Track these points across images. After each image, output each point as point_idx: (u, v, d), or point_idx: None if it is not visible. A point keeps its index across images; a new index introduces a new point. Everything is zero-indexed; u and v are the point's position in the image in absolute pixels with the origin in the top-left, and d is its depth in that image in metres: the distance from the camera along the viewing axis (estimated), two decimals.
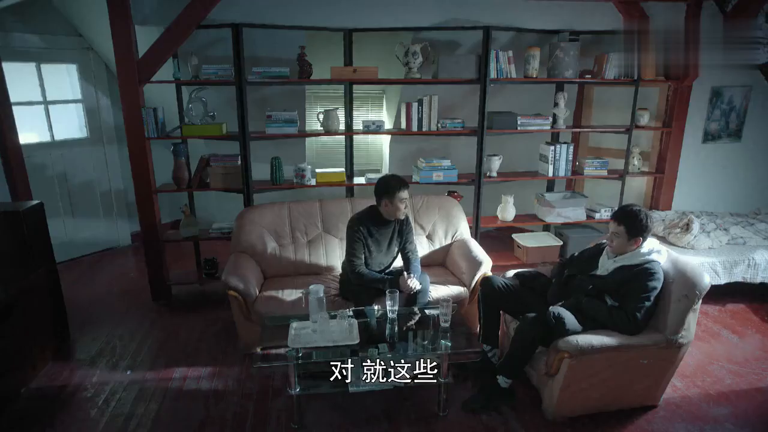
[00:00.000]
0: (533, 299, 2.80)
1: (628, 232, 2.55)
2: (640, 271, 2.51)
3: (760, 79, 4.39)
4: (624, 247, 2.58)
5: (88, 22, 4.29)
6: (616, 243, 2.60)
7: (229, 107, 3.85)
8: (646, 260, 2.54)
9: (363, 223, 3.01)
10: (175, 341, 3.35)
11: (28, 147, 4.11)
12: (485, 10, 3.91)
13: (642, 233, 2.55)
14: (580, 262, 2.80)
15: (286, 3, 3.77)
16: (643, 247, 2.58)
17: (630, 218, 2.55)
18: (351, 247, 3.01)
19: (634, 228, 2.54)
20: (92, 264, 4.68)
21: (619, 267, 2.58)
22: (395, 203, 2.93)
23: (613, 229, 2.61)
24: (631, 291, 2.50)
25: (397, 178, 2.97)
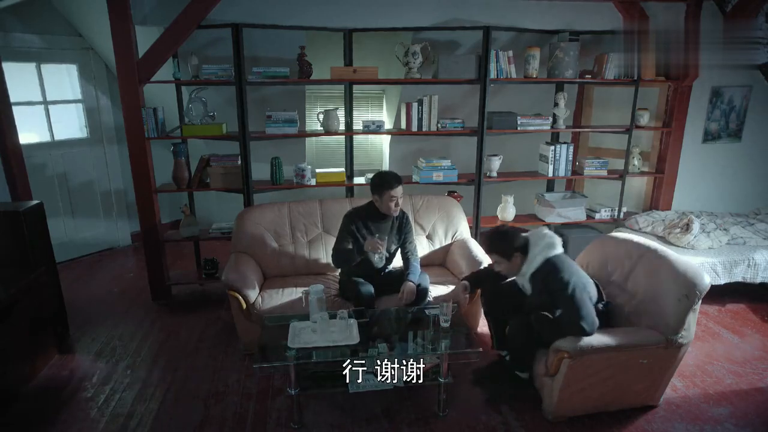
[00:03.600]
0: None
1: (503, 255, 2.57)
2: (546, 276, 2.48)
3: (761, 79, 4.39)
4: (513, 268, 2.59)
5: (88, 22, 4.30)
6: (504, 269, 2.62)
7: (229, 107, 3.85)
8: (542, 264, 2.50)
9: (359, 216, 3.01)
10: (175, 341, 3.35)
11: (28, 147, 4.11)
12: (485, 10, 3.92)
13: (515, 250, 2.54)
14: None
15: (285, 3, 3.77)
16: (532, 254, 2.53)
17: (495, 244, 2.58)
18: (339, 236, 3.03)
19: (504, 251, 2.56)
20: (92, 264, 4.68)
21: (530, 278, 2.56)
22: (385, 200, 2.93)
23: (492, 260, 2.65)
24: (557, 300, 2.46)
25: (391, 175, 2.97)
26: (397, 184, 2.93)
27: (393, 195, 2.92)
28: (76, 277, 4.35)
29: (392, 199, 2.92)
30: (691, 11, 3.98)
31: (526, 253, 2.55)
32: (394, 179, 2.94)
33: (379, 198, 2.95)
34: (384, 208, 2.97)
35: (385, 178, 2.95)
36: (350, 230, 2.98)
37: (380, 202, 2.96)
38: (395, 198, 2.93)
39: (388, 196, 2.92)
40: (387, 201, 2.93)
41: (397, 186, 2.93)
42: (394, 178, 2.95)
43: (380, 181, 2.94)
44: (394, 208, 2.96)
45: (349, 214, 3.05)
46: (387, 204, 2.94)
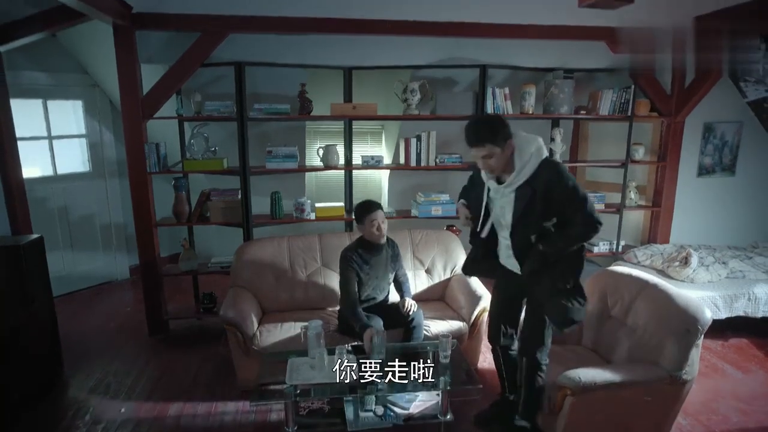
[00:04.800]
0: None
1: (495, 142, 2.14)
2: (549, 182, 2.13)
3: (751, 115, 4.48)
4: (503, 162, 2.18)
5: (95, 61, 4.41)
6: (495, 164, 2.18)
7: (230, 142, 3.91)
8: (540, 167, 2.16)
9: (356, 251, 3.01)
10: (172, 377, 3.29)
11: (30, 181, 4.15)
12: (481, 49, 4.03)
13: (508, 136, 2.16)
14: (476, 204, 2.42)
15: (287, 42, 3.88)
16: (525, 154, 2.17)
17: (485, 129, 2.16)
18: (344, 277, 3.00)
19: (496, 135, 2.14)
20: (90, 298, 4.65)
21: (520, 187, 2.19)
22: (367, 226, 2.95)
23: (482, 154, 2.17)
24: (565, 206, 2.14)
25: (368, 202, 2.99)
26: (375, 208, 2.96)
27: (373, 219, 2.93)
28: (73, 311, 4.31)
29: (373, 224, 2.93)
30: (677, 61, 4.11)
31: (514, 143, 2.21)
32: (372, 204, 2.98)
33: (362, 227, 2.98)
34: (368, 235, 2.98)
35: (363, 205, 2.99)
36: (352, 266, 2.97)
37: (364, 231, 2.98)
38: (376, 222, 2.94)
39: (369, 222, 2.94)
40: (369, 227, 2.94)
41: (376, 210, 2.95)
42: (372, 203, 2.99)
43: (360, 210, 2.98)
44: (377, 232, 2.95)
45: (345, 256, 3.02)
46: (369, 230, 2.95)
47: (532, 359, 2.43)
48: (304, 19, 3.54)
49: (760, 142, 4.58)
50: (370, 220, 2.94)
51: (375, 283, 3.05)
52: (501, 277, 2.57)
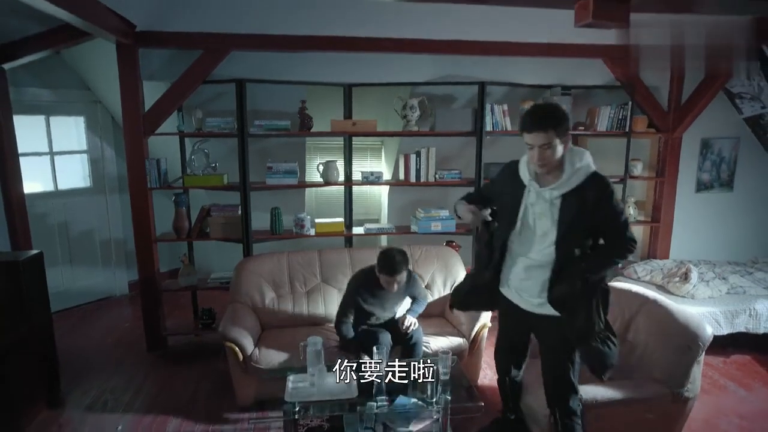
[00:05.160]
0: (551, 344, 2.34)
1: (558, 133, 1.95)
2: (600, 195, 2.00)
3: (748, 131, 4.52)
4: (555, 159, 1.99)
5: (98, 77, 4.46)
6: (550, 158, 1.98)
7: (230, 158, 3.93)
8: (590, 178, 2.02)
9: (365, 285, 2.93)
10: (170, 394, 3.26)
11: (31, 196, 4.16)
12: (480, 66, 4.08)
13: (569, 126, 2.02)
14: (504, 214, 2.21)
15: (287, 59, 3.92)
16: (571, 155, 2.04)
17: (551, 115, 1.98)
18: (343, 305, 3.00)
19: (562, 125, 1.97)
20: (88, 313, 4.63)
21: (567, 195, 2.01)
22: (383, 280, 2.84)
23: (541, 142, 1.95)
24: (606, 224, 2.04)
25: (395, 262, 2.77)
26: (400, 270, 2.78)
27: (390, 281, 2.82)
28: (71, 327, 4.29)
29: (390, 284, 2.83)
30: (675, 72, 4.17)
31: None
32: (398, 265, 2.77)
33: (379, 276, 2.87)
34: (383, 283, 2.88)
35: (389, 261, 2.79)
36: (353, 301, 2.93)
37: (381, 279, 2.87)
38: (392, 283, 2.82)
39: (386, 281, 2.84)
40: (384, 282, 2.85)
41: (400, 272, 2.78)
42: (398, 264, 2.77)
43: (385, 264, 2.82)
44: (389, 288, 2.86)
45: (355, 286, 2.95)
46: (385, 283, 2.86)
47: (566, 409, 2.23)
48: (304, 37, 3.59)
49: (757, 157, 4.61)
50: (386, 280, 2.83)
51: (380, 312, 3.02)
52: (506, 310, 2.35)
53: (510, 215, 2.15)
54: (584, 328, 2.06)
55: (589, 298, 2.05)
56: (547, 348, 2.28)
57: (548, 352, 2.27)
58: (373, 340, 2.84)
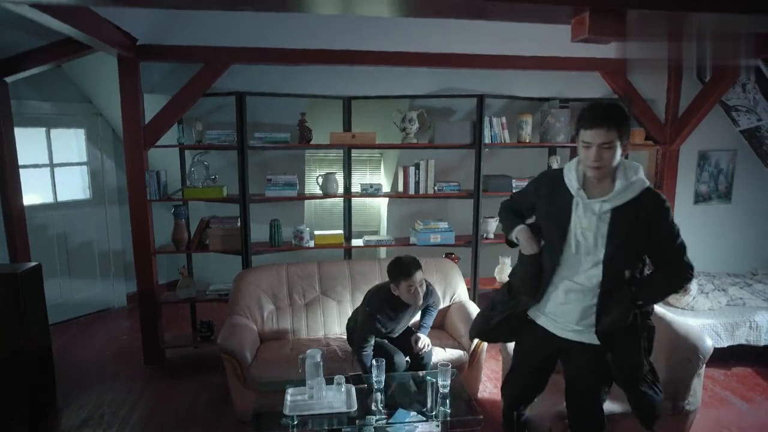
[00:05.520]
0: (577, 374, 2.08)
1: (620, 135, 1.77)
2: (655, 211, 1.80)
3: (744, 143, 4.55)
4: (612, 164, 1.81)
5: (99, 90, 4.49)
6: (608, 161, 1.78)
7: (230, 170, 3.95)
8: (646, 192, 1.84)
9: (383, 309, 2.80)
10: (167, 408, 3.24)
11: (30, 208, 4.16)
12: (478, 79, 4.11)
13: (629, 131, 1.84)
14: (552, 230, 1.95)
15: (287, 72, 3.96)
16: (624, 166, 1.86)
17: (619, 113, 1.80)
18: (363, 333, 2.82)
19: (626, 125, 1.81)
20: (86, 325, 4.60)
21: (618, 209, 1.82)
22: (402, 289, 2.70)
23: (601, 141, 1.76)
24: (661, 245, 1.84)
25: (406, 264, 2.70)
26: (414, 270, 2.68)
27: (410, 285, 2.69)
28: (69, 340, 4.26)
29: (410, 289, 2.70)
30: (672, 81, 4.21)
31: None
32: (410, 266, 2.69)
33: (396, 287, 2.74)
34: (403, 296, 2.74)
35: (399, 266, 2.70)
36: (374, 327, 2.78)
37: (399, 291, 2.74)
38: (413, 287, 2.69)
39: (405, 287, 2.70)
40: (405, 291, 2.71)
41: (414, 273, 2.68)
42: (410, 264, 2.69)
43: (396, 270, 2.72)
44: (414, 297, 2.73)
45: (373, 312, 2.78)
46: (405, 293, 2.72)
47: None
48: (304, 50, 3.62)
49: (755, 169, 4.63)
50: (407, 285, 2.68)
51: (397, 329, 2.95)
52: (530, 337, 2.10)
53: (559, 232, 1.91)
54: (633, 367, 1.88)
55: (639, 332, 1.86)
56: (577, 379, 2.04)
57: (578, 383, 2.04)
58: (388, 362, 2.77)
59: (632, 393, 1.91)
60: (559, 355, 2.08)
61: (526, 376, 2.22)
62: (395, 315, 2.84)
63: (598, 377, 1.99)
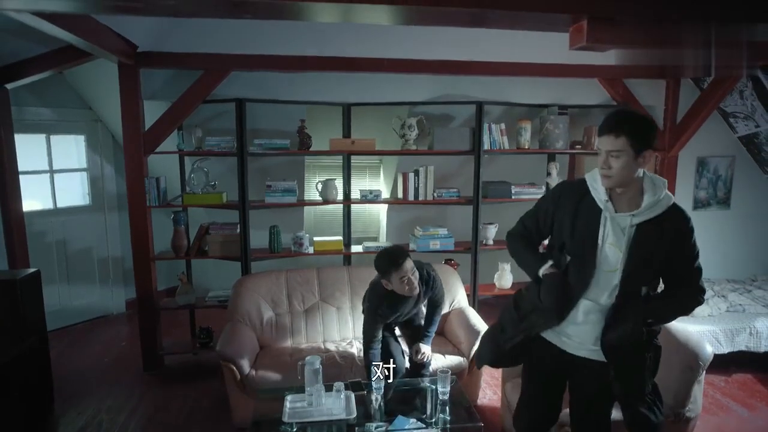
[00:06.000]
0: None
1: (634, 144, 1.69)
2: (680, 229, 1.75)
3: (743, 150, 4.57)
4: (630, 173, 1.73)
5: (99, 96, 4.51)
6: (616, 170, 1.71)
7: (230, 176, 3.95)
8: (673, 209, 1.76)
9: (381, 302, 2.74)
10: (166, 414, 3.22)
11: (30, 214, 4.16)
12: (477, 86, 4.13)
13: (650, 145, 1.71)
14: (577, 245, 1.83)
15: (287, 79, 3.97)
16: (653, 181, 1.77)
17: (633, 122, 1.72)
18: (368, 330, 2.79)
19: (640, 135, 1.70)
20: (85, 332, 4.59)
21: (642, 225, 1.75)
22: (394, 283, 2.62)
23: (606, 148, 1.73)
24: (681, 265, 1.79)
25: (394, 253, 2.63)
26: (402, 260, 2.57)
27: (402, 276, 2.58)
28: (68, 346, 4.25)
29: (402, 280, 2.59)
30: (670, 87, 4.23)
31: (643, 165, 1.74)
32: (398, 255, 2.59)
33: (388, 281, 2.64)
34: (397, 290, 2.65)
35: (387, 257, 2.60)
36: (377, 323, 2.76)
37: (392, 285, 2.64)
38: (405, 277, 2.58)
39: (397, 279, 2.59)
40: (397, 284, 2.60)
41: (403, 263, 2.57)
42: (398, 254, 2.60)
43: (383, 262, 2.61)
44: (408, 287, 2.61)
45: (374, 307, 2.74)
46: (398, 286, 2.62)
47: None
48: (303, 57, 3.64)
49: (753, 175, 4.65)
50: (398, 276, 2.57)
51: (401, 318, 2.91)
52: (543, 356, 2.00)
53: (589, 249, 1.79)
54: (635, 387, 1.83)
55: (646, 351, 1.81)
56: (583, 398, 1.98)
57: (582, 404, 1.98)
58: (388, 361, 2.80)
59: (630, 412, 1.85)
60: (568, 372, 1.99)
61: (539, 399, 2.09)
62: (397, 305, 2.78)
63: (605, 401, 1.95)
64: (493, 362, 2.13)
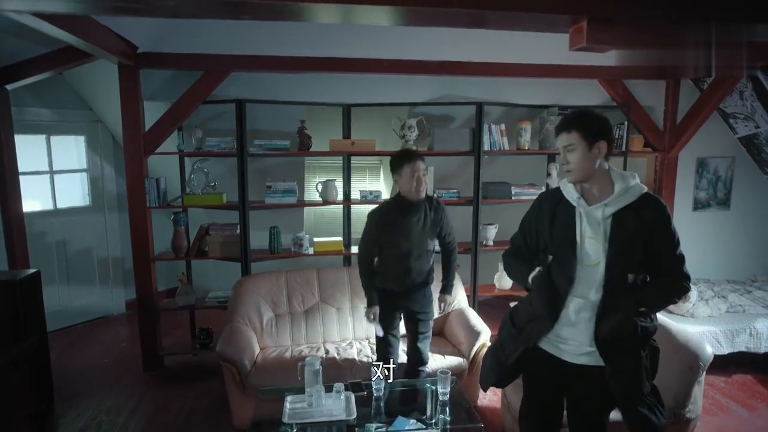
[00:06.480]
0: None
1: (584, 136, 1.80)
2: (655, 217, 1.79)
3: (743, 151, 4.57)
4: (587, 166, 1.83)
5: (99, 97, 4.51)
6: (574, 163, 1.83)
7: (230, 177, 3.95)
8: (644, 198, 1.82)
9: (384, 206, 2.78)
10: (166, 415, 3.22)
11: (30, 215, 4.17)
12: (477, 87, 4.13)
13: (602, 136, 1.81)
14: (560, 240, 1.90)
15: (287, 80, 3.97)
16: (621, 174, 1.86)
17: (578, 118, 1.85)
18: (365, 238, 2.82)
19: (590, 127, 1.82)
20: (85, 333, 4.59)
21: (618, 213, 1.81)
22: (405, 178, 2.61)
23: (561, 144, 1.86)
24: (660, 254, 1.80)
25: (408, 151, 2.71)
26: (417, 158, 2.62)
27: (414, 171, 2.57)
28: (68, 347, 4.25)
29: (414, 175, 2.58)
30: (670, 88, 4.24)
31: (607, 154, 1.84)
32: (413, 153, 2.66)
33: (399, 178, 2.62)
34: (405, 189, 2.63)
35: (402, 153, 2.67)
36: (372, 224, 2.76)
37: (401, 183, 2.63)
38: (417, 173, 2.57)
39: (408, 173, 2.58)
40: (407, 179, 2.59)
41: (416, 160, 2.61)
42: (412, 152, 2.70)
43: (398, 159, 2.64)
44: (417, 184, 2.59)
45: (373, 213, 2.79)
46: (408, 183, 2.59)
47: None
48: (303, 58, 3.64)
49: (753, 176, 4.65)
50: (410, 171, 2.57)
51: (408, 246, 2.73)
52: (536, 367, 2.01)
53: (569, 246, 1.86)
54: (632, 384, 1.81)
55: (640, 346, 1.82)
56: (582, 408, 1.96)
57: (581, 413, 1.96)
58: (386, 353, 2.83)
59: (630, 413, 1.82)
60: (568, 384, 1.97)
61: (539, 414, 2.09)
62: (397, 216, 2.70)
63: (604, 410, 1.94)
64: (498, 381, 2.10)
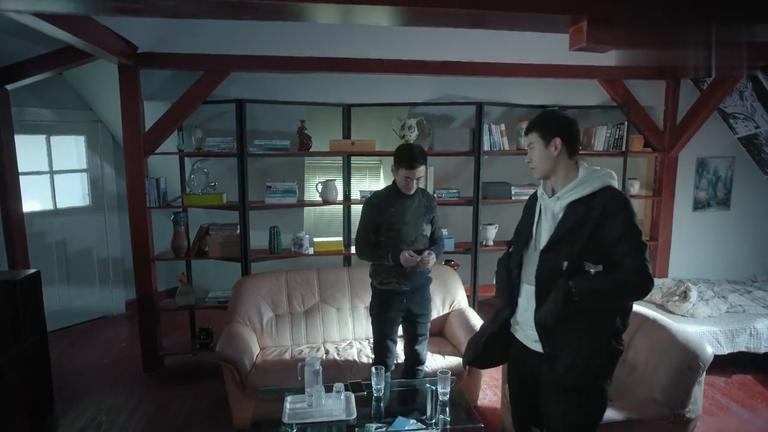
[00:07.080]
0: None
1: (542, 135, 1.89)
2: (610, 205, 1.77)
3: (742, 151, 4.57)
4: (546, 162, 1.90)
5: (99, 97, 4.51)
6: (535, 161, 1.92)
7: (230, 177, 3.95)
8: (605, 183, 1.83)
9: (382, 194, 2.82)
10: (165, 415, 3.22)
11: (30, 215, 4.17)
12: (477, 87, 4.13)
13: (558, 133, 1.87)
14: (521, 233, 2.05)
15: (287, 80, 3.98)
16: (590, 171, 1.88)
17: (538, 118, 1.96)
18: (360, 227, 2.82)
19: (546, 126, 1.91)
20: (85, 333, 4.59)
21: (572, 204, 1.83)
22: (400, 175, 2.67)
23: (526, 144, 2.00)
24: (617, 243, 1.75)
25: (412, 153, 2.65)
26: (417, 164, 2.62)
27: (407, 176, 2.65)
28: (68, 347, 4.25)
29: (407, 181, 2.66)
30: (670, 88, 4.24)
31: (573, 153, 1.90)
32: (415, 158, 2.63)
33: (395, 173, 2.72)
34: (398, 182, 2.73)
35: (404, 153, 2.66)
36: (370, 218, 2.75)
37: (396, 175, 2.72)
38: (410, 179, 2.66)
39: (401, 176, 2.66)
40: (402, 179, 2.67)
41: (416, 167, 2.63)
42: (415, 156, 2.63)
43: (399, 156, 2.68)
44: (407, 186, 2.68)
45: (368, 199, 2.85)
46: (400, 180, 2.69)
47: None
48: (303, 58, 3.64)
49: (753, 176, 4.65)
50: (404, 176, 2.65)
51: (406, 229, 2.75)
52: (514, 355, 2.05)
53: (525, 234, 1.99)
54: (566, 369, 1.76)
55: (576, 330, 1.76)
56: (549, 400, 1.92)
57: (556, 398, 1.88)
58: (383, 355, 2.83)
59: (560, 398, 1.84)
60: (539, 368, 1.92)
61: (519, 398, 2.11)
62: (395, 201, 2.74)
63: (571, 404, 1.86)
64: (474, 360, 2.19)
